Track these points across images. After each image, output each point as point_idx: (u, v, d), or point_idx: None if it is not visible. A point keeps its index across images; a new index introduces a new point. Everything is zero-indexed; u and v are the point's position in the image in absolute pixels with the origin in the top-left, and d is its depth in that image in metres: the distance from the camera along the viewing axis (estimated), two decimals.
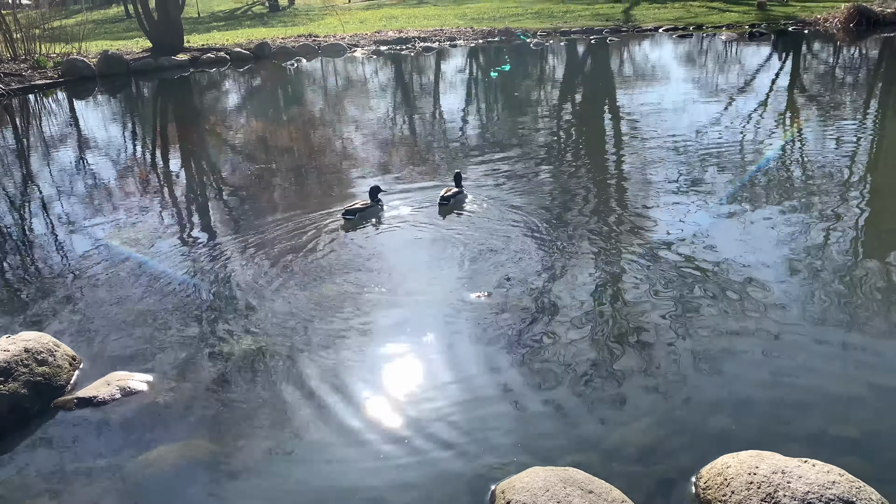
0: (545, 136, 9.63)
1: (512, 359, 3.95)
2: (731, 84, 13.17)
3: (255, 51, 20.78)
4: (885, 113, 10.14)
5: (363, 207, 6.41)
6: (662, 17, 23.71)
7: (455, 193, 6.63)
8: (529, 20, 25.28)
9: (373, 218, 6.42)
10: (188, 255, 5.78)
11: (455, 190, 6.68)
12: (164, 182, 8.52)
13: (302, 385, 3.81)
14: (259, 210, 6.85)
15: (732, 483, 2.69)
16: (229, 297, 4.95)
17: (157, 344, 4.33)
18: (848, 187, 6.55)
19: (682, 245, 5.31)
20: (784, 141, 8.56)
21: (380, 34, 23.79)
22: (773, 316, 4.20)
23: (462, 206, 6.58)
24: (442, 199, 6.56)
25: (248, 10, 37.39)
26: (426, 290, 4.84)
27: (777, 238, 5.35)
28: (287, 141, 10.30)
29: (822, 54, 16.93)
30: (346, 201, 6.74)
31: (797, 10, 22.01)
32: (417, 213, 6.47)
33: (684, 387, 3.60)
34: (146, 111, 14.50)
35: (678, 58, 17.28)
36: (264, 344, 4.24)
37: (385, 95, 14.26)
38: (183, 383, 3.90)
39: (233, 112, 13.60)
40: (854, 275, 4.73)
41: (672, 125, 9.44)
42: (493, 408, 3.54)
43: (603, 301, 4.56)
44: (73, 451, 3.40)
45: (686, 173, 7.13)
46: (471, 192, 6.87)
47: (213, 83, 17.61)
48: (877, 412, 3.30)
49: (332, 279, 5.09)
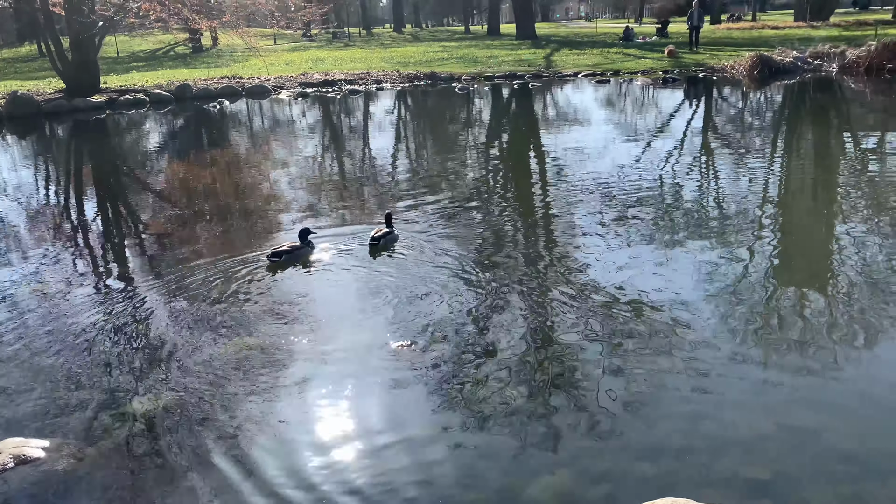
0: (472, 177, 9.75)
1: (433, 410, 3.88)
2: (648, 126, 13.73)
3: (176, 92, 20.39)
4: (789, 152, 10.75)
5: (290, 249, 6.25)
6: (581, 63, 24.62)
7: (385, 234, 6.57)
8: (454, 65, 25.80)
9: (301, 260, 6.27)
10: (98, 307, 5.50)
11: (385, 230, 6.61)
12: (77, 228, 8.15)
13: (214, 448, 3.63)
14: (178, 257, 6.61)
15: None
16: (141, 352, 4.71)
17: (57, 405, 4.06)
18: (760, 224, 6.86)
19: (605, 285, 5.40)
20: (699, 180, 8.93)
21: (305, 76, 23.77)
22: (689, 356, 4.30)
23: (392, 246, 6.53)
24: (372, 239, 6.48)
25: (169, 51, 36.78)
26: (350, 340, 4.74)
27: (695, 277, 5.51)
28: (209, 184, 10.05)
29: (731, 98, 17.91)
30: (271, 245, 6.59)
31: (706, 58, 23.26)
32: (346, 255, 6.38)
33: (606, 433, 3.62)
34: (59, 154, 13.94)
35: (598, 101, 17.93)
36: (175, 403, 4.03)
37: (311, 137, 14.18)
38: (85, 448, 3.66)
39: (151, 154, 13.23)
40: (767, 314, 4.90)
41: (594, 166, 9.72)
42: (409, 459, 3.45)
43: (527, 346, 4.57)
44: None
45: (608, 213, 7.32)
46: (401, 232, 6.85)
47: (132, 125, 17.14)
48: (785, 453, 3.38)
49: (251, 330, 4.92)
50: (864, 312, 4.83)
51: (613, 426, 3.67)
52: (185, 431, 3.77)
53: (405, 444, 3.59)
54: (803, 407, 3.77)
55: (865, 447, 3.42)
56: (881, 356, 4.29)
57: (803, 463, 3.31)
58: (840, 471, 3.25)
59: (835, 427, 3.57)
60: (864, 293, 5.14)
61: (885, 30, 26.60)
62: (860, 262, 5.77)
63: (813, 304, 5.01)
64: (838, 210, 7.45)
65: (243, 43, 23.45)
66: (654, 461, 3.37)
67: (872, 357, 4.29)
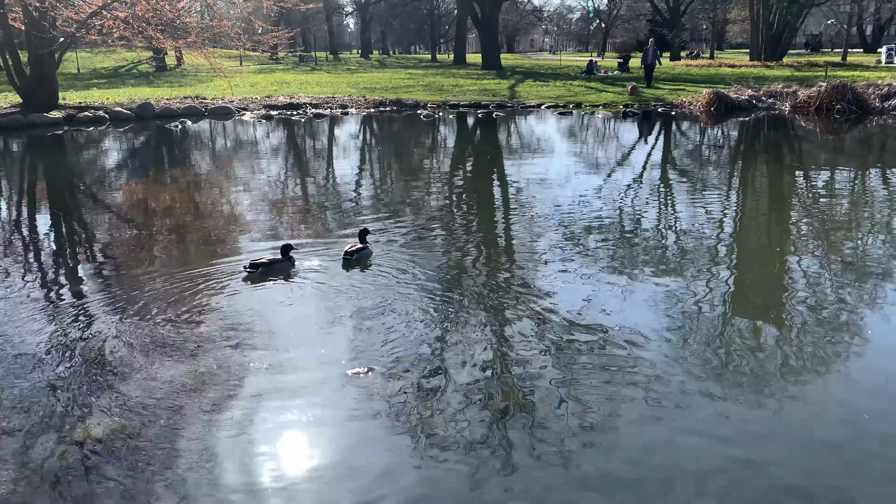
0: (435, 204, 9.78)
1: (386, 440, 3.84)
2: (609, 158, 13.99)
3: (138, 110, 20.12)
4: (744, 187, 11.05)
5: (269, 262, 6.22)
6: (545, 94, 25.06)
7: (359, 249, 6.68)
8: (420, 92, 26.01)
9: (279, 274, 6.24)
10: (47, 327, 5.32)
11: (359, 246, 6.72)
12: (27, 245, 7.92)
13: (158, 476, 3.53)
14: (130, 276, 6.46)
15: None
16: (87, 374, 4.56)
17: (0, 429, 3.91)
18: (715, 257, 7.01)
19: (563, 315, 5.44)
20: (657, 212, 9.11)
21: (270, 98, 23.70)
22: (643, 387, 4.34)
23: (367, 262, 6.64)
24: (346, 254, 6.59)
25: (132, 69, 36.37)
26: (305, 364, 4.68)
27: (651, 308, 5.59)
28: (166, 203, 9.89)
29: (689, 133, 18.38)
30: (229, 266, 6.50)
31: (665, 93, 23.88)
32: (312, 274, 6.31)
33: (558, 464, 3.62)
34: (12, 169, 13.59)
35: (560, 133, 18.23)
36: (121, 429, 3.91)
37: (274, 159, 14.10)
38: (26, 474, 3.52)
39: (109, 172, 12.98)
40: (720, 346, 4.99)
41: (555, 196, 9.85)
42: (362, 493, 3.40)
43: (484, 375, 4.56)
44: None
45: (568, 243, 7.40)
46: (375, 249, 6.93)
47: (90, 142, 16.83)
48: (733, 486, 3.43)
49: (204, 352, 4.82)
50: (813, 347, 4.96)
51: (567, 456, 3.68)
52: (130, 458, 3.65)
53: (357, 474, 3.54)
54: (752, 440, 3.83)
55: (810, 481, 3.48)
56: (829, 391, 4.40)
57: (751, 496, 3.36)
58: None
59: (783, 461, 3.63)
60: (814, 327, 5.28)
61: (834, 71, 27.72)
62: (811, 296, 5.93)
63: (764, 338, 5.12)
64: (790, 244, 7.67)
65: (208, 63, 23.32)
66: (605, 492, 3.39)
67: (820, 392, 4.39)
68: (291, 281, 6.25)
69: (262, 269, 6.19)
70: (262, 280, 6.17)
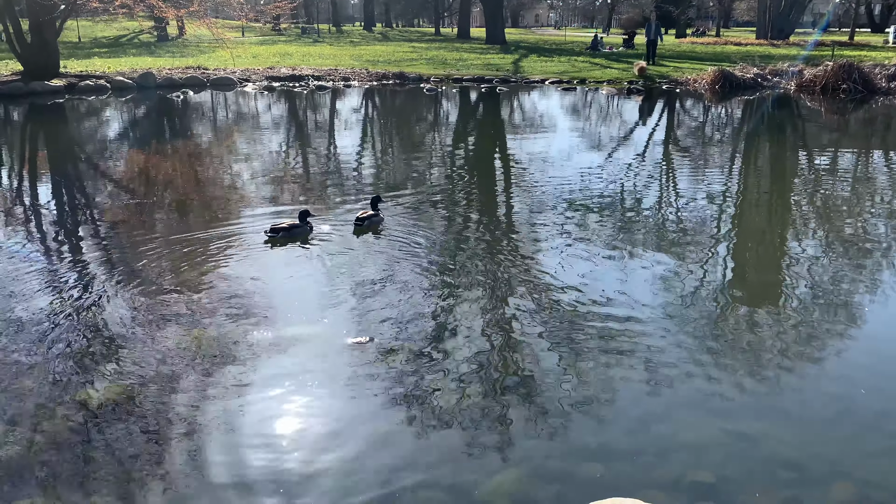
0: (437, 178, 9.77)
1: (386, 406, 3.89)
2: (612, 135, 13.93)
3: (139, 80, 20.00)
4: (747, 165, 11.02)
5: (288, 227, 6.44)
6: (549, 70, 24.86)
7: (370, 216, 6.84)
8: (423, 65, 25.81)
9: (297, 239, 6.48)
10: (49, 294, 5.36)
11: (371, 213, 6.89)
12: (29, 213, 7.93)
13: (162, 439, 3.58)
14: (132, 244, 6.48)
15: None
16: (92, 340, 4.61)
17: (4, 393, 3.95)
18: (716, 235, 7.02)
19: (563, 290, 5.47)
20: (659, 190, 9.10)
21: (272, 70, 23.53)
22: (641, 361, 4.39)
23: (377, 228, 6.81)
24: (357, 220, 6.77)
25: (134, 38, 36.05)
26: (306, 333, 4.72)
27: (650, 284, 5.62)
28: (168, 172, 9.88)
29: (693, 111, 18.29)
30: (232, 237, 6.53)
31: (670, 70, 23.69)
32: (318, 242, 6.33)
33: (557, 434, 3.67)
34: (11, 137, 13.55)
35: (564, 109, 18.14)
36: (126, 394, 3.96)
37: (276, 130, 14.04)
38: (33, 436, 3.58)
39: (110, 141, 12.95)
40: (718, 322, 5.03)
41: (558, 172, 9.83)
42: (362, 457, 3.46)
43: (484, 347, 4.60)
44: None
45: (570, 219, 7.41)
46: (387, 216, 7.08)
47: (91, 111, 16.76)
48: (729, 458, 3.48)
49: (207, 320, 4.86)
50: (812, 324, 4.99)
51: (565, 427, 3.73)
52: (135, 422, 3.70)
53: (356, 442, 3.60)
54: (748, 414, 3.88)
55: (806, 454, 3.53)
56: (825, 367, 4.44)
57: (746, 468, 3.41)
58: (781, 476, 3.36)
59: (777, 434, 3.68)
60: (813, 305, 5.31)
61: (840, 51, 27.47)
62: (810, 275, 5.95)
63: (763, 315, 5.15)
64: (791, 223, 7.67)
65: (210, 33, 23.12)
66: (603, 462, 3.44)
67: (816, 367, 4.43)
68: (300, 247, 6.32)
69: (283, 234, 6.37)
70: (280, 244, 6.34)
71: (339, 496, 3.19)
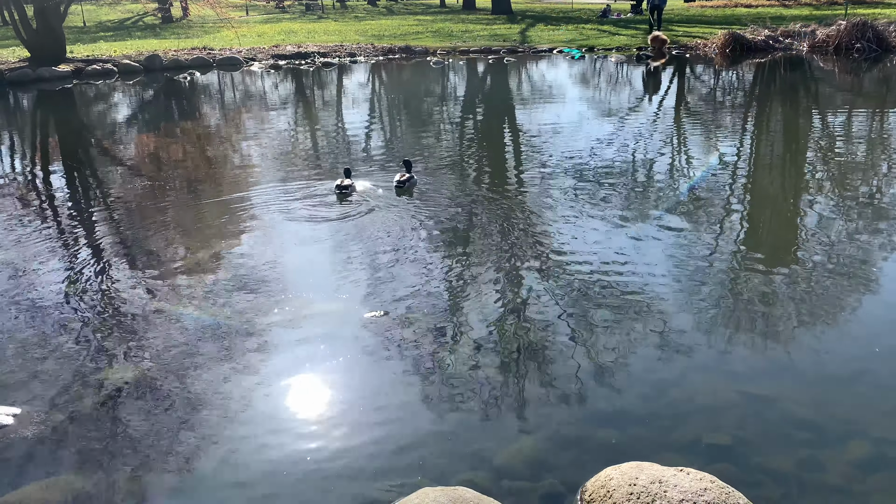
0: (447, 151, 9.74)
1: (402, 379, 3.95)
2: (622, 103, 13.80)
3: (146, 63, 19.96)
4: (759, 130, 10.91)
5: (407, 178, 7.40)
6: (556, 38, 24.56)
7: (409, 178, 7.45)
8: (429, 38, 25.58)
9: (413, 188, 7.40)
10: (66, 277, 5.45)
11: (408, 175, 7.48)
12: (42, 199, 8.01)
13: (184, 417, 3.66)
14: (147, 229, 6.54)
15: (614, 494, 2.78)
16: (111, 321, 4.69)
17: (27, 374, 4.05)
18: (729, 201, 6.99)
19: (577, 259, 5.48)
20: (671, 157, 9.04)
21: (278, 48, 23.40)
22: (655, 327, 4.41)
23: (413, 190, 7.38)
24: (398, 182, 7.39)
25: (138, 21, 35.89)
26: (326, 307, 4.78)
27: (663, 251, 5.62)
28: (180, 155, 9.92)
29: (703, 76, 18.04)
30: (243, 217, 6.58)
31: (679, 35, 23.34)
32: (326, 213, 6.37)
33: (572, 401, 3.71)
34: (23, 124, 13.62)
35: (572, 77, 17.95)
36: (147, 371, 4.04)
37: (286, 109, 14.02)
38: (55, 415, 3.67)
39: (121, 125, 12.99)
40: (730, 289, 5.03)
41: (568, 142, 9.78)
42: (383, 429, 3.52)
43: (495, 318, 4.64)
44: None
45: (581, 188, 7.38)
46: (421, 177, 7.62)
47: (100, 96, 16.78)
48: (745, 420, 3.51)
49: (226, 296, 4.93)
50: (825, 286, 4.98)
51: (580, 393, 3.77)
52: (156, 400, 3.78)
53: (375, 413, 3.66)
54: (763, 376, 3.90)
55: (821, 415, 3.55)
56: (840, 328, 4.45)
57: (762, 429, 3.44)
58: (797, 437, 3.39)
59: (793, 395, 3.70)
60: (826, 270, 5.30)
61: (854, 9, 26.91)
62: (825, 240, 5.92)
63: (777, 278, 5.15)
64: (805, 186, 7.61)
65: (214, 14, 22.98)
66: (619, 427, 3.48)
67: (831, 329, 4.44)
68: (305, 221, 6.39)
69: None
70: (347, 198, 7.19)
71: (358, 467, 3.26)
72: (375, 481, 3.15)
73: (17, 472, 3.27)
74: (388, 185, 7.56)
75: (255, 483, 3.18)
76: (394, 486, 3.12)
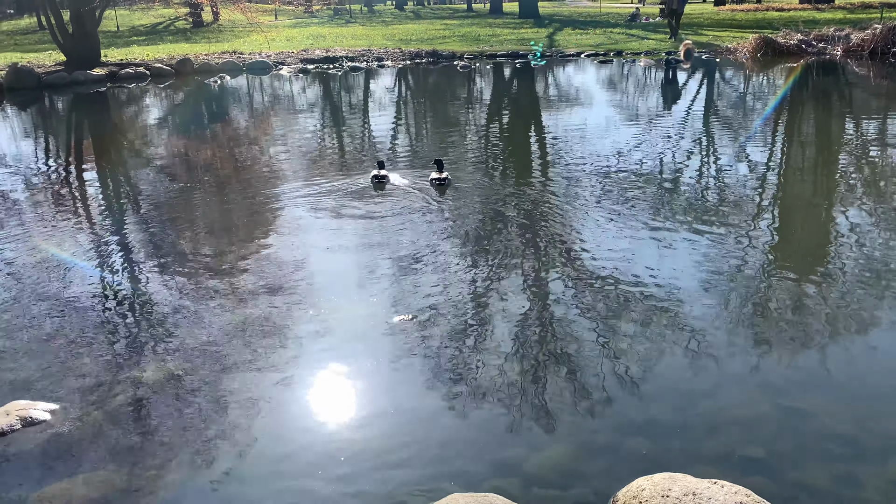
0: (476, 153, 9.73)
1: (430, 383, 3.94)
2: (650, 107, 13.68)
3: (177, 66, 20.26)
4: (791, 136, 10.73)
5: (446, 177, 7.74)
6: (584, 42, 24.46)
7: (445, 177, 7.74)
8: (456, 43, 25.62)
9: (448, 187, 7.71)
10: (99, 278, 5.54)
11: (445, 174, 7.76)
12: (77, 201, 8.15)
13: (218, 414, 3.69)
14: (180, 229, 6.63)
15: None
16: (143, 320, 4.76)
17: (63, 370, 4.12)
18: (761, 208, 6.88)
19: (605, 265, 5.43)
20: (700, 162, 8.93)
21: (307, 52, 23.61)
22: (687, 338, 4.35)
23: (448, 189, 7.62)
24: (439, 181, 7.70)
25: (169, 25, 36.45)
26: (354, 310, 4.79)
27: (694, 260, 5.55)
28: (214, 161, 10.04)
29: (734, 81, 17.82)
30: (274, 217, 6.63)
31: (709, 39, 23.10)
32: (351, 214, 6.40)
33: (603, 409, 3.67)
34: (59, 126, 13.89)
35: (600, 82, 17.85)
36: (180, 371, 4.08)
37: (313, 113, 14.13)
38: (90, 412, 3.72)
39: (154, 127, 13.18)
40: (766, 296, 4.95)
41: (596, 146, 9.72)
42: (412, 433, 3.51)
43: (526, 324, 4.61)
44: None
45: (609, 193, 7.32)
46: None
47: (133, 98, 17.06)
48: (780, 433, 3.44)
49: (255, 298, 4.96)
50: (862, 299, 4.87)
51: (610, 402, 3.72)
52: (188, 398, 3.82)
53: (403, 417, 3.65)
54: (800, 389, 3.82)
55: (860, 430, 3.47)
56: (878, 342, 4.34)
57: (798, 443, 3.37)
58: (835, 451, 3.31)
59: (830, 409, 3.62)
60: (863, 279, 5.18)
61: (889, 13, 26.40)
62: (861, 248, 5.80)
63: (812, 289, 5.05)
64: (840, 195, 7.46)
65: (244, 18, 23.26)
66: (650, 437, 3.43)
67: (869, 342, 4.33)
68: (336, 221, 6.39)
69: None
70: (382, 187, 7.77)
71: (387, 471, 3.25)
72: (405, 486, 3.14)
73: (55, 466, 3.32)
74: (423, 185, 7.79)
75: (285, 485, 3.19)
76: (423, 490, 3.10)
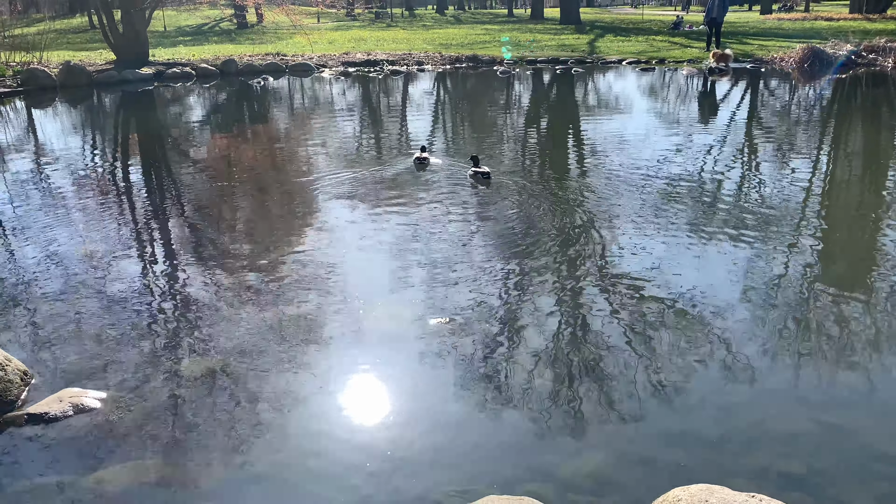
0: (513, 159, 9.75)
1: (469, 387, 3.97)
2: (692, 117, 13.54)
3: (222, 67, 20.67)
4: (836, 150, 10.52)
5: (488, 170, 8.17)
6: (626, 49, 24.28)
7: (487, 171, 8.15)
8: (497, 48, 25.65)
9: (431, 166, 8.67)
10: (147, 272, 5.70)
11: (484, 168, 8.20)
12: (126, 196, 8.38)
13: (259, 409, 3.78)
14: (223, 227, 6.78)
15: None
16: (188, 317, 4.88)
17: (112, 361, 4.25)
18: (803, 222, 6.77)
19: (642, 275, 5.41)
20: (741, 174, 8.82)
21: (348, 55, 23.87)
22: (725, 350, 4.31)
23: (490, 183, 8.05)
24: (483, 174, 8.11)
25: (215, 27, 37.18)
26: (390, 312, 4.85)
27: (733, 272, 5.49)
28: (256, 158, 10.23)
29: (778, 91, 17.53)
30: (313, 215, 6.74)
31: (754, 49, 22.75)
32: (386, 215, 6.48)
33: (639, 418, 3.66)
34: (109, 123, 14.28)
35: (641, 89, 17.71)
36: (222, 366, 4.19)
37: (353, 115, 14.29)
38: (138, 402, 3.84)
39: (200, 126, 13.47)
40: (806, 310, 4.88)
41: (635, 155, 9.65)
42: (449, 436, 3.55)
43: (563, 330, 4.62)
44: (22, 468, 3.32)
45: (647, 203, 7.28)
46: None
47: (179, 98, 17.45)
48: (820, 449, 3.39)
49: (293, 298, 5.06)
50: None
51: (646, 413, 3.71)
52: (231, 393, 3.91)
53: (439, 421, 3.69)
54: (841, 405, 3.77)
55: None
56: None
57: (839, 460, 3.32)
58: (878, 470, 3.25)
59: (873, 427, 3.56)
60: None
61: None
62: None
63: (853, 304, 4.96)
64: (887, 210, 7.30)
65: (287, 20, 23.62)
66: (686, 448, 3.41)
67: None
68: (374, 222, 6.46)
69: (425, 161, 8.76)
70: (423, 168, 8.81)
71: (422, 473, 3.29)
72: (440, 487, 3.18)
73: (103, 453, 3.43)
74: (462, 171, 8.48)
75: (321, 482, 3.25)
76: (458, 491, 3.14)
